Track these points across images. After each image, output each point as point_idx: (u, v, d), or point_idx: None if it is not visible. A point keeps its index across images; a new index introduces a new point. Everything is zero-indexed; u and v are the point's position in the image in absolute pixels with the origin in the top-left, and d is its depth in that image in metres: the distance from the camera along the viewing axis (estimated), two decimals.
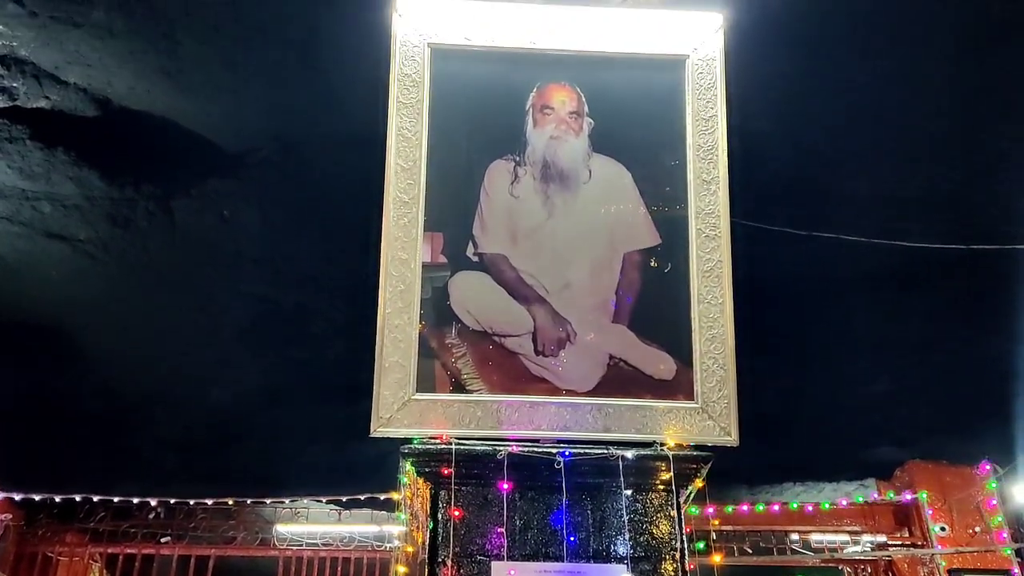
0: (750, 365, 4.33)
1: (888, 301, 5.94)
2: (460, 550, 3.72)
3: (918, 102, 4.74)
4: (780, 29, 4.29)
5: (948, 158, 5.08)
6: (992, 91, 4.62)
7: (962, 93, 4.68)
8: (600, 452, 3.89)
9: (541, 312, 4.01)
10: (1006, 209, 5.25)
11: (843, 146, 5.04)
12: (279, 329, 6.51)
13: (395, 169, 4.01)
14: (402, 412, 3.83)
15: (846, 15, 4.21)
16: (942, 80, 4.59)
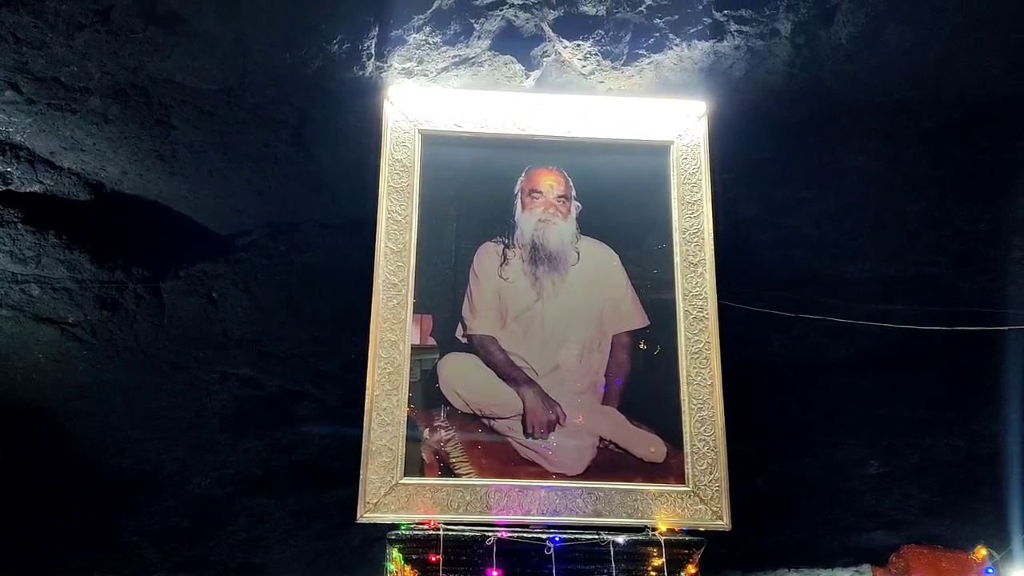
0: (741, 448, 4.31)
1: (877, 383, 5.94)
2: None
3: (900, 187, 4.83)
4: (762, 116, 4.40)
5: (931, 241, 5.16)
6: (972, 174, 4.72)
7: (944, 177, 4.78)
8: (591, 537, 3.82)
9: (530, 394, 4.00)
10: (988, 292, 5.30)
11: (828, 230, 5.12)
12: (264, 412, 6.44)
13: (385, 252, 4.04)
14: (389, 497, 3.77)
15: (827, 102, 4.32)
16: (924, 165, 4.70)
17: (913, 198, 4.89)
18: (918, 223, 5.04)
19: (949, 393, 6.04)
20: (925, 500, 6.99)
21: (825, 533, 7.55)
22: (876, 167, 4.71)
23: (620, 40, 4.06)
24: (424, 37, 4.02)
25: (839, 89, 4.25)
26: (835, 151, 4.64)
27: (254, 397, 6.32)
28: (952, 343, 5.47)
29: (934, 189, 4.83)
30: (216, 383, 6.18)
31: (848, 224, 5.05)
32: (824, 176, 4.78)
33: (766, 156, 4.64)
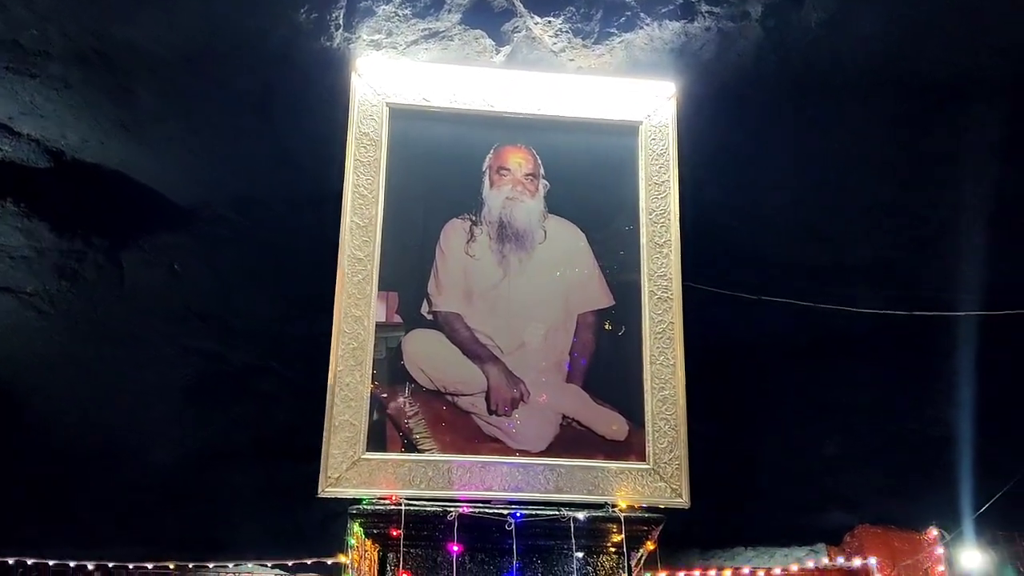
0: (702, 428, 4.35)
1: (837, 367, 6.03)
2: None
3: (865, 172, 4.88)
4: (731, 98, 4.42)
5: (894, 227, 5.23)
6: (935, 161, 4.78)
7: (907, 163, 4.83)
8: (551, 513, 3.85)
9: (495, 371, 4.01)
10: (947, 277, 5.39)
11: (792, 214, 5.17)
12: (227, 387, 6.40)
13: (351, 227, 4.01)
14: (351, 472, 3.76)
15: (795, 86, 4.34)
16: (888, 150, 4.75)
17: (877, 184, 4.95)
18: (881, 209, 5.10)
19: (906, 377, 6.16)
20: (880, 481, 7.13)
21: (782, 513, 7.67)
22: (842, 152, 4.75)
23: (591, 18, 4.05)
24: (394, 9, 3.97)
25: (807, 73, 4.28)
26: (802, 136, 4.67)
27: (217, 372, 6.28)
28: (910, 328, 5.55)
29: (898, 175, 4.88)
30: (178, 357, 6.13)
31: (812, 209, 5.10)
32: (790, 160, 4.82)
33: (734, 139, 4.66)
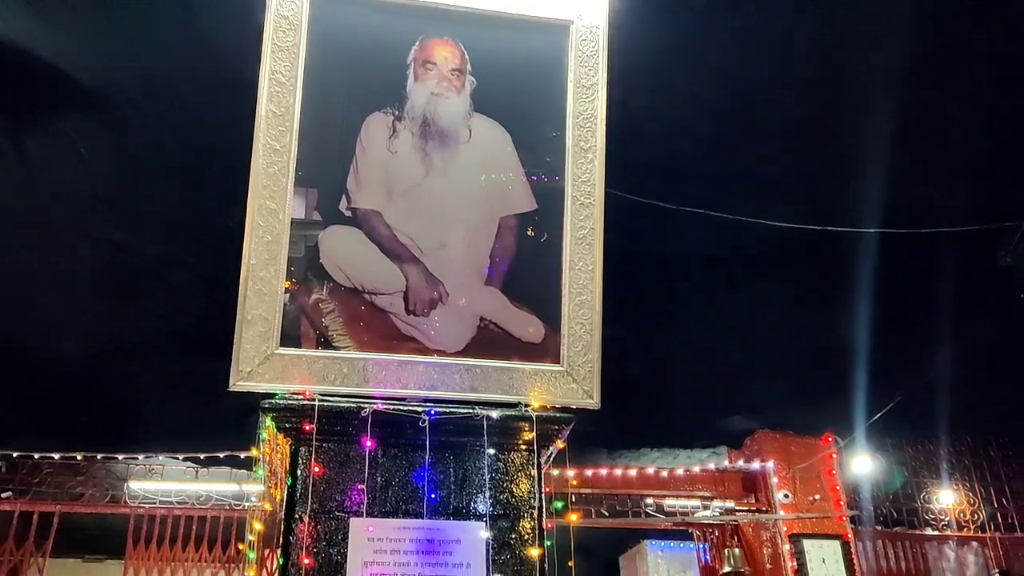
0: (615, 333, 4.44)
1: (746, 278, 6.20)
2: (318, 507, 3.68)
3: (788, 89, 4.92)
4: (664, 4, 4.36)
5: (812, 145, 5.32)
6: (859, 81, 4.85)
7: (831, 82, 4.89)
8: (465, 411, 3.91)
9: (414, 272, 3.98)
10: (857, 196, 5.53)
11: (715, 126, 5.20)
12: (139, 279, 6.23)
13: (266, 115, 3.86)
14: (264, 367, 3.73)
15: None
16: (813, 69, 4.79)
17: (799, 101, 5.01)
18: (801, 126, 5.18)
19: (811, 291, 6.37)
20: (781, 389, 7.44)
21: (688, 416, 7.98)
22: (767, 67, 4.77)
23: None
24: None
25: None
26: (730, 48, 4.67)
27: (128, 263, 6.09)
28: (818, 243, 5.71)
29: (821, 93, 4.94)
30: (87, 246, 5.91)
31: (735, 122, 5.14)
32: (717, 72, 4.82)
33: (664, 45, 4.62)
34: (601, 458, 8.41)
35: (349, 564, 3.60)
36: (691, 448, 8.67)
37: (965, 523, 8.92)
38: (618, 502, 8.15)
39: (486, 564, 3.76)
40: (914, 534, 8.82)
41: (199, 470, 8.04)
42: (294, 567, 3.57)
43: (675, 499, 8.32)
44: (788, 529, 7.82)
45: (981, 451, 9.22)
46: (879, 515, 8.77)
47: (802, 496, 8.02)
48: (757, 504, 8.21)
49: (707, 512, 8.27)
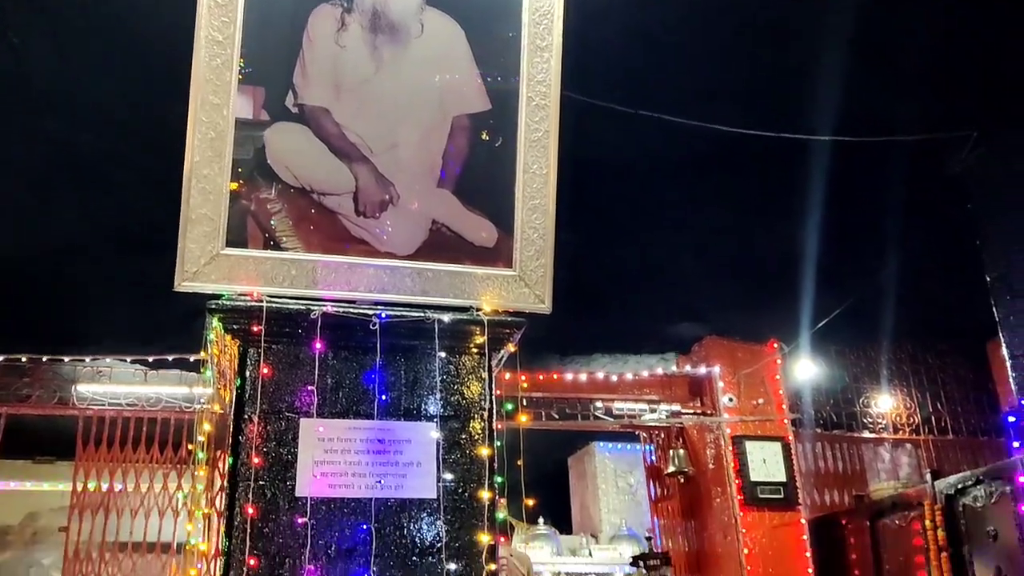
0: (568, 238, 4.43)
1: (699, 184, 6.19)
2: (268, 407, 3.67)
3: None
4: None
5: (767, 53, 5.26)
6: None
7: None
8: (417, 315, 3.89)
9: (364, 172, 3.89)
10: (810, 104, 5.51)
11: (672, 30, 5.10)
12: (77, 176, 6.02)
13: (208, 4, 3.68)
14: (210, 267, 3.66)
15: None
16: None
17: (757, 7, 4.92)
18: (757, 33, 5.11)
19: (762, 198, 6.40)
20: (730, 296, 7.54)
21: (638, 323, 8.08)
22: None
23: None
24: None
25: None
26: None
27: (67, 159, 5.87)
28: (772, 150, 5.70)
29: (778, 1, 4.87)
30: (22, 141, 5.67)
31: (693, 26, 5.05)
32: None
33: None
34: (552, 363, 8.52)
35: (299, 463, 3.62)
36: (640, 354, 8.81)
37: (901, 426, 9.27)
38: (568, 405, 8.30)
39: (436, 463, 3.81)
40: (852, 436, 9.16)
41: (148, 373, 7.98)
42: (243, 466, 3.58)
43: (623, 403, 8.50)
44: (731, 431, 8.05)
45: (920, 358, 9.52)
46: (819, 418, 9.08)
47: (746, 400, 8.24)
48: (702, 408, 8.42)
49: (654, 415, 8.47)
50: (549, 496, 10.89)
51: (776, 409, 8.21)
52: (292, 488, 3.59)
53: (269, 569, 3.47)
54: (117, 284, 6.94)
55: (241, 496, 3.54)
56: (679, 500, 8.59)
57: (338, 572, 3.55)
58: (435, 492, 3.76)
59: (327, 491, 3.62)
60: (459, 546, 3.73)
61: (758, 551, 7.63)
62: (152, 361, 7.73)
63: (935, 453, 9.06)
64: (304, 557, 3.50)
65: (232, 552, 3.46)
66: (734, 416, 8.14)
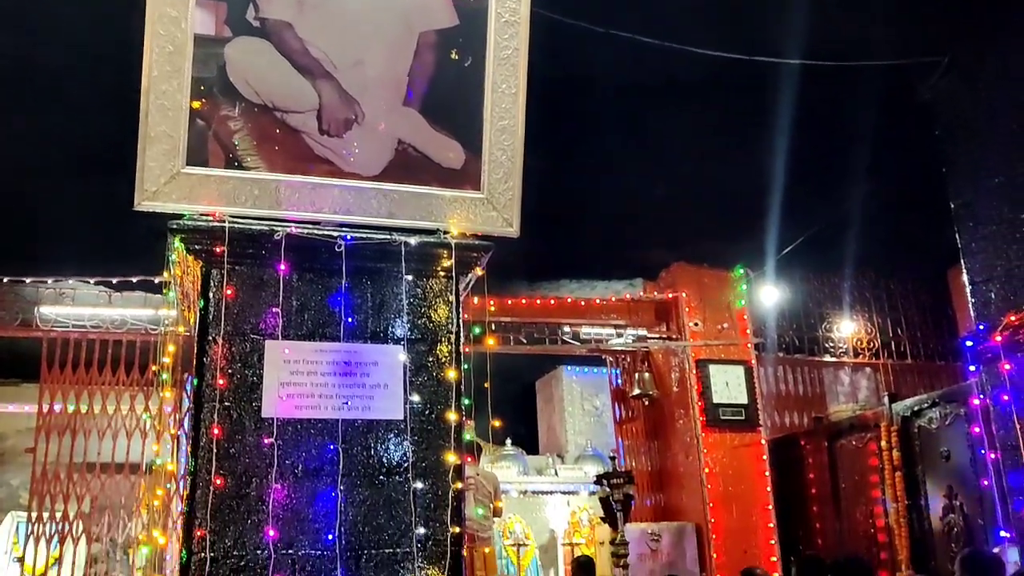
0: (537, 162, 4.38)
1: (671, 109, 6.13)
2: (232, 329, 3.64)
3: None
4: None
5: None
6: None
7: None
8: (383, 237, 3.86)
9: (327, 89, 3.80)
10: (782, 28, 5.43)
11: None
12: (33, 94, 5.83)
13: None
14: (170, 186, 3.58)
15: None
16: None
17: None
18: None
19: (733, 124, 6.36)
20: (698, 222, 7.55)
21: (607, 248, 8.08)
22: None
23: None
24: None
25: None
26: None
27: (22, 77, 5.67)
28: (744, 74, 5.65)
29: None
30: None
31: None
32: None
33: None
34: (521, 288, 8.54)
35: (265, 385, 3.62)
36: (608, 280, 8.85)
37: (861, 351, 9.46)
38: (536, 330, 8.35)
39: (403, 385, 3.82)
40: (813, 360, 9.34)
41: (112, 295, 7.87)
42: (209, 388, 3.57)
43: (591, 327, 8.57)
44: (696, 355, 8.17)
45: (882, 284, 9.66)
46: (782, 343, 9.23)
47: (711, 325, 8.35)
48: (668, 332, 8.52)
49: (620, 340, 8.56)
50: (517, 418, 11.05)
51: (740, 334, 8.32)
52: (258, 409, 3.60)
53: (236, 488, 3.50)
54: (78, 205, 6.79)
55: (207, 417, 3.54)
56: (643, 422, 8.76)
57: (305, 491, 3.59)
58: (402, 413, 3.79)
59: (294, 412, 3.64)
60: (426, 465, 3.77)
61: (718, 470, 7.83)
62: (116, 283, 7.62)
63: (893, 377, 9.27)
64: (271, 476, 3.52)
65: (198, 472, 3.48)
66: (699, 340, 8.25)
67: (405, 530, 3.66)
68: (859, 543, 7.29)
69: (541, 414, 11.65)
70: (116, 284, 7.64)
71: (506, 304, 8.07)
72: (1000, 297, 5.30)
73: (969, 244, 5.66)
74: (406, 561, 3.63)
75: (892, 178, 6.95)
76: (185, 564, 3.39)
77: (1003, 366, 5.12)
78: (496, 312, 7.80)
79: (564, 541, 9.45)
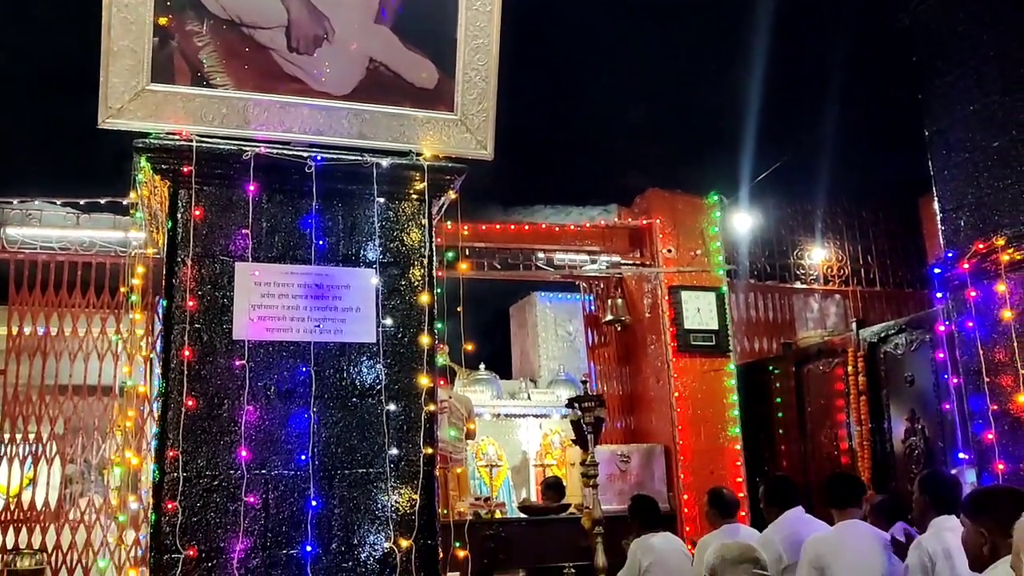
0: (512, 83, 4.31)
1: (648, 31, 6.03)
2: (201, 250, 3.61)
3: None
4: None
5: None
6: None
7: None
8: (354, 159, 3.81)
9: (296, 4, 3.70)
10: None
11: None
12: None
13: None
14: (135, 103, 3.49)
15: None
16: None
17: None
18: None
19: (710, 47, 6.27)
20: (673, 148, 7.50)
21: (581, 174, 8.03)
22: None
23: None
24: None
25: None
26: None
27: None
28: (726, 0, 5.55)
29: None
30: None
31: None
32: None
33: None
34: (495, 213, 8.49)
35: (236, 307, 3.61)
36: (584, 205, 8.83)
37: (831, 278, 9.56)
38: (510, 256, 8.34)
39: (376, 309, 3.82)
40: (783, 287, 9.43)
41: (80, 216, 7.74)
42: (178, 309, 3.55)
43: (565, 254, 8.57)
44: (668, 282, 8.21)
45: (854, 212, 9.71)
46: (754, 269, 9.30)
47: (684, 251, 8.37)
48: (642, 259, 8.54)
49: (594, 266, 8.58)
50: (490, 344, 11.13)
51: (712, 260, 8.37)
52: (229, 331, 3.59)
53: (208, 410, 3.51)
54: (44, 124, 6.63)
55: (177, 339, 3.53)
56: (615, 347, 8.84)
57: (278, 413, 3.61)
58: (375, 337, 3.80)
59: (265, 335, 3.63)
60: (398, 388, 3.80)
61: (688, 394, 7.96)
62: (84, 204, 7.49)
63: (862, 304, 9.40)
64: (243, 398, 3.54)
65: (170, 393, 3.48)
66: (671, 267, 8.29)
67: (378, 451, 3.71)
68: (823, 465, 7.48)
69: (515, 339, 11.74)
70: (84, 205, 7.51)
71: (480, 230, 8.04)
72: (969, 225, 5.34)
73: (941, 171, 5.68)
74: (379, 481, 3.68)
75: (867, 105, 6.92)
76: (158, 484, 3.42)
77: (969, 293, 5.19)
78: (470, 237, 7.78)
79: (536, 462, 9.63)
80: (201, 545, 3.39)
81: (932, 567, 3.78)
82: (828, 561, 4.28)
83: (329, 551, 3.55)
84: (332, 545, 3.57)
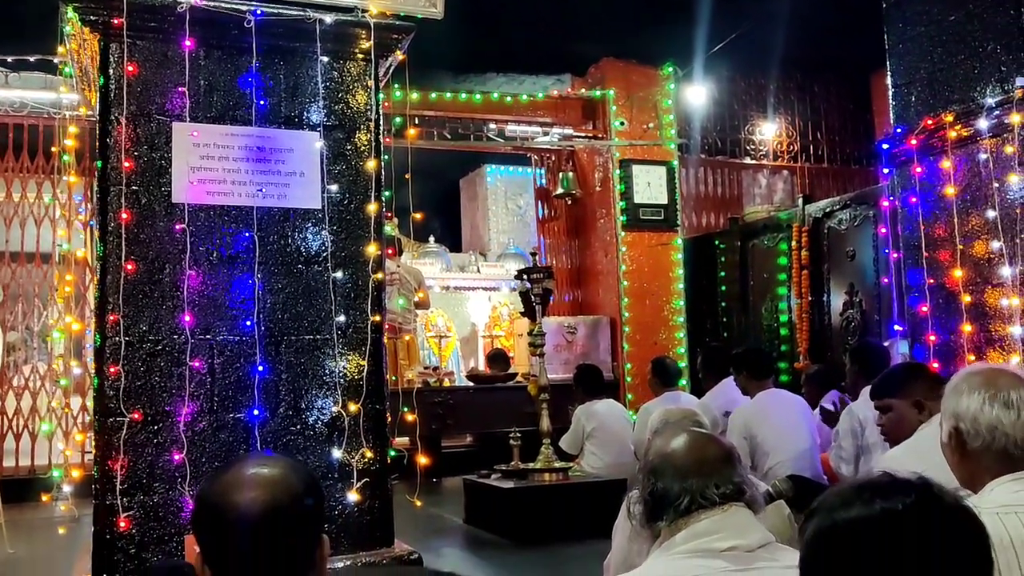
0: None
1: None
2: (136, 109, 3.45)
3: None
4: None
5: None
6: None
7: None
8: (296, 14, 3.63)
9: None
10: None
11: None
12: None
13: None
14: None
15: None
16: None
17: None
18: None
19: None
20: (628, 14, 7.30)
21: (535, 41, 7.81)
22: None
23: None
24: None
25: None
26: None
27: None
28: None
29: None
30: None
31: None
32: None
33: None
34: (445, 80, 8.27)
35: (174, 169, 3.49)
36: (536, 75, 8.63)
37: (781, 154, 9.59)
38: (461, 126, 8.18)
39: (321, 173, 3.73)
40: (733, 162, 9.45)
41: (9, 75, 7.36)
42: (114, 171, 3.42)
43: (516, 125, 8.43)
44: (620, 155, 8.16)
45: (807, 87, 9.67)
46: (705, 144, 9.28)
47: (637, 124, 8.29)
48: (594, 132, 8.45)
49: (546, 138, 8.46)
50: (440, 216, 11.06)
51: (665, 134, 8.31)
52: (168, 194, 3.48)
53: (148, 275, 3.44)
54: None
55: (114, 201, 3.41)
56: (565, 221, 8.85)
57: (221, 278, 3.55)
58: (320, 203, 3.72)
59: (205, 198, 3.53)
60: (345, 255, 3.75)
61: (635, 268, 8.04)
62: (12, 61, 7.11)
63: (809, 180, 9.48)
64: (184, 263, 3.47)
65: (108, 257, 3.40)
66: (624, 140, 8.22)
67: (325, 318, 3.69)
68: (762, 336, 7.70)
69: (465, 212, 11.68)
70: (12, 63, 7.13)
71: (430, 98, 7.84)
72: (920, 100, 5.33)
73: (896, 45, 5.61)
74: (326, 347, 3.68)
75: None
76: (100, 348, 3.38)
77: (915, 169, 5.23)
78: (419, 105, 7.59)
79: (484, 334, 9.77)
80: (146, 408, 3.38)
81: (862, 431, 3.97)
82: (755, 431, 4.50)
83: (277, 415, 3.58)
84: (280, 409, 3.59)
